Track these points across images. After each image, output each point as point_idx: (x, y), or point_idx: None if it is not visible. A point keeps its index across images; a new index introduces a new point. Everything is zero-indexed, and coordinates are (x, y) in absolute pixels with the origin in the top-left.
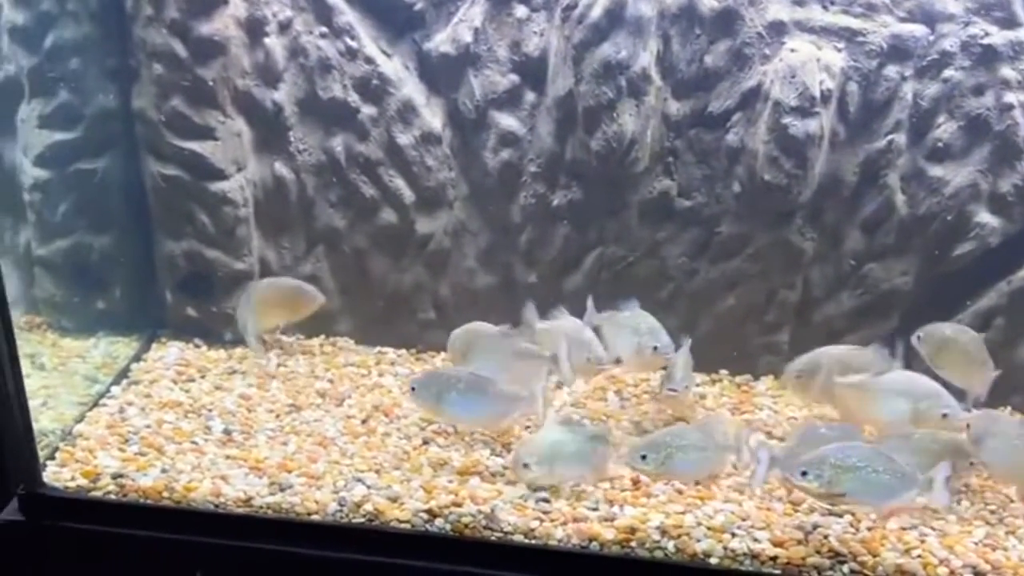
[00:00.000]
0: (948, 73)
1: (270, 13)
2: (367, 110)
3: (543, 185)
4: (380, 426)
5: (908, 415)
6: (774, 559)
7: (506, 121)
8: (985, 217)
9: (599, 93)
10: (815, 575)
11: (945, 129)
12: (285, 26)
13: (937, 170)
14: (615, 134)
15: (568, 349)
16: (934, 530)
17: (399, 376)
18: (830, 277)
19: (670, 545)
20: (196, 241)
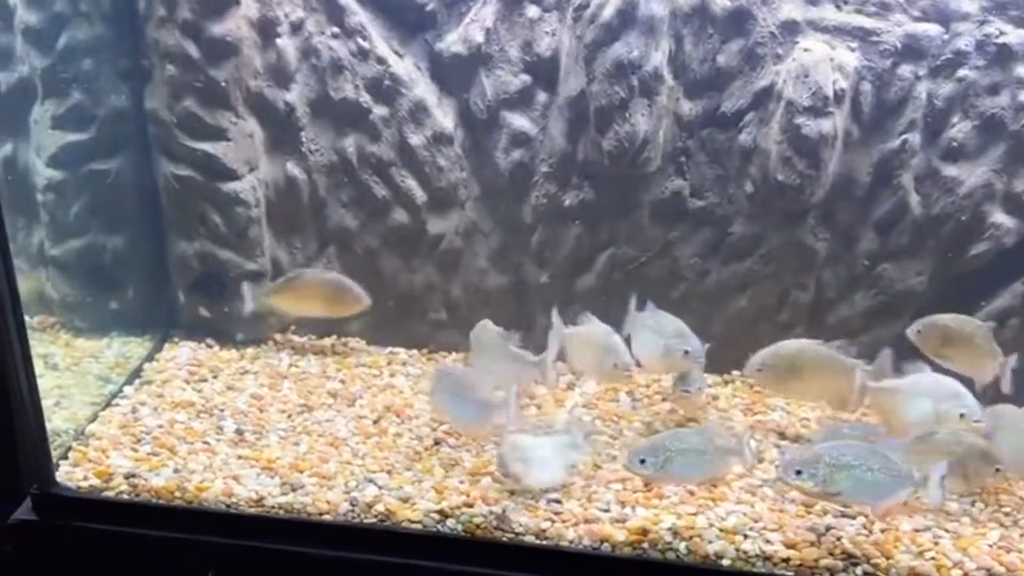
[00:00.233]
0: (963, 72)
1: (282, 14)
2: (379, 110)
3: (555, 185)
4: (392, 426)
5: (932, 416)
6: (787, 561)
7: (518, 121)
8: (1000, 217)
9: (611, 93)
10: None
11: (960, 129)
12: (297, 27)
13: (951, 170)
14: (627, 134)
15: (593, 355)
16: (948, 532)
17: (410, 376)
18: (843, 278)
19: (682, 547)
20: (208, 241)
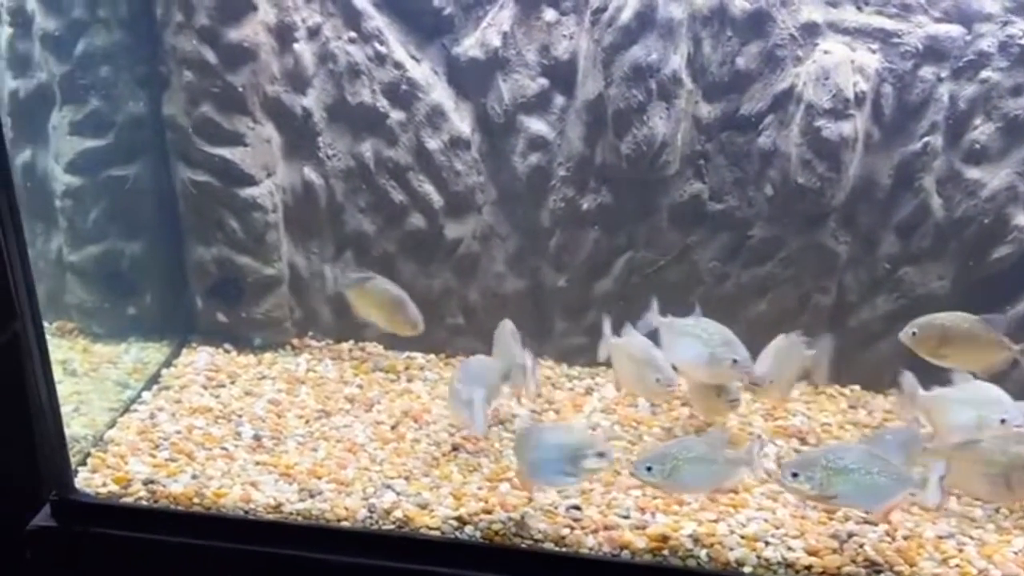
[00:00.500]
0: (985, 74)
1: (299, 19)
2: (396, 115)
3: (572, 189)
4: (409, 432)
5: (975, 423)
6: (808, 568)
7: (535, 125)
8: (1023, 220)
9: (629, 96)
10: None
11: (982, 131)
12: (314, 32)
13: (974, 172)
14: (645, 137)
15: (634, 370)
16: (972, 539)
17: (428, 381)
18: (865, 281)
19: (703, 554)
20: (226, 247)
